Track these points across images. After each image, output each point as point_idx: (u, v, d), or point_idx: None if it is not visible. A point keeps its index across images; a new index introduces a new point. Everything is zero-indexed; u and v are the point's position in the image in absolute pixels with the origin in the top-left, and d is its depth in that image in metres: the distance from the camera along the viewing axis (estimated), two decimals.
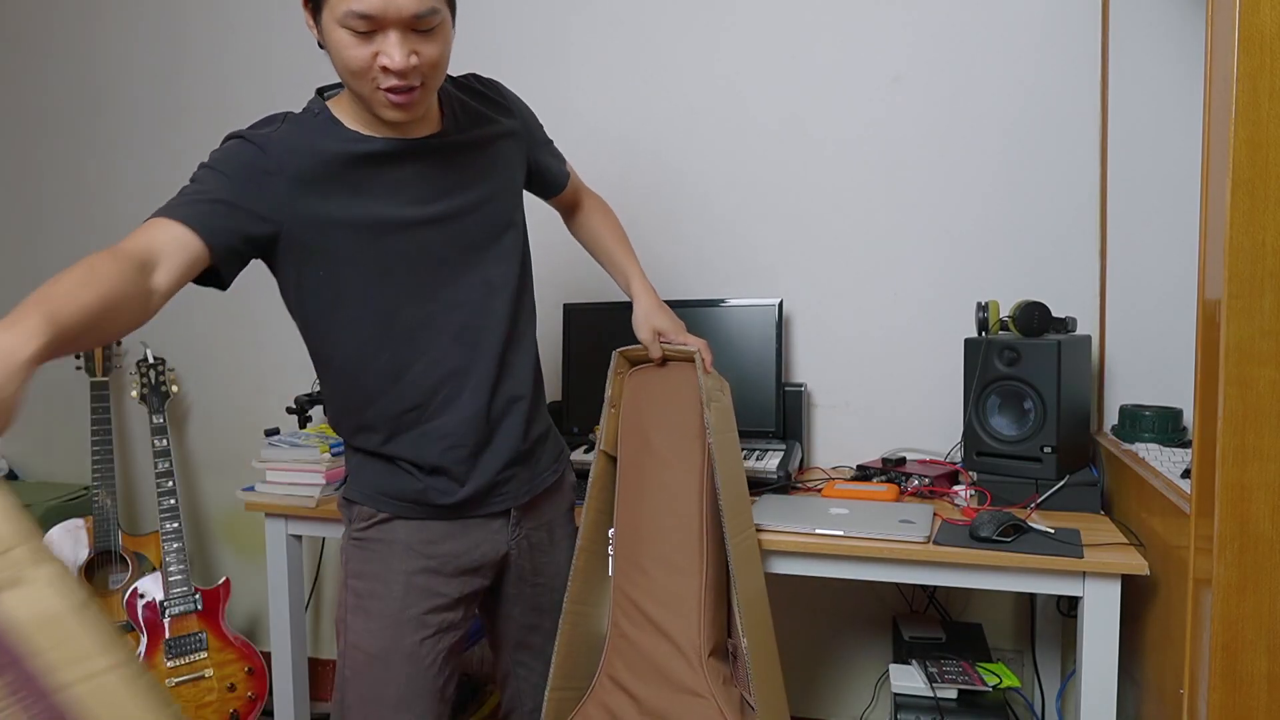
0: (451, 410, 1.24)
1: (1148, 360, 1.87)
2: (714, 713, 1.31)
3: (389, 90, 1.10)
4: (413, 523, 1.26)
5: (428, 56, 1.11)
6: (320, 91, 1.25)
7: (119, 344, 2.60)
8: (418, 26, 1.08)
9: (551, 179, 1.51)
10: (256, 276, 1.32)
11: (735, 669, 1.38)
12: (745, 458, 1.84)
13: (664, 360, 1.49)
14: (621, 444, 1.48)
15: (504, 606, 1.39)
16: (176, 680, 2.17)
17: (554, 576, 1.41)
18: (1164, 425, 1.70)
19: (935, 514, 1.60)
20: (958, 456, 1.93)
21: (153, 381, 2.37)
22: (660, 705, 1.33)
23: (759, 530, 1.52)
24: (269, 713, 2.16)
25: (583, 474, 1.84)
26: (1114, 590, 1.38)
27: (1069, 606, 1.86)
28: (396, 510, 1.25)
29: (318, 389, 1.62)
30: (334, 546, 2.43)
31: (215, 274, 1.15)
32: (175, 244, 1.13)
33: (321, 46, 1.13)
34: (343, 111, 1.20)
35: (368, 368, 1.21)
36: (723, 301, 1.97)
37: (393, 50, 1.07)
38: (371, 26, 1.06)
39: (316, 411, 2.17)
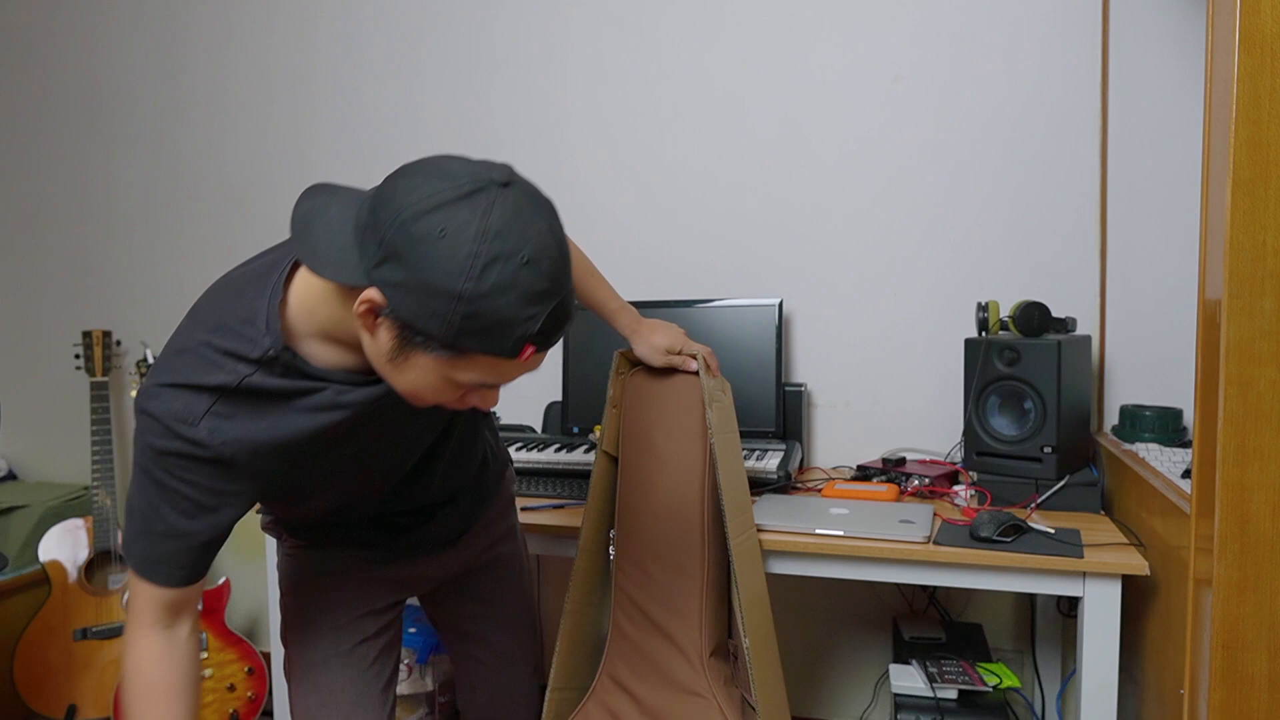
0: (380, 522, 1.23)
1: (1148, 360, 1.87)
2: (714, 713, 1.31)
3: (452, 413, 1.05)
4: (347, 551, 1.25)
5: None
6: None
7: (119, 343, 2.60)
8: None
9: None
10: None
11: (736, 669, 1.38)
12: (745, 458, 1.84)
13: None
14: (623, 444, 1.48)
15: (444, 601, 1.39)
16: None
17: (491, 564, 1.39)
18: (1164, 425, 1.69)
19: (935, 514, 1.60)
20: (958, 456, 1.93)
21: None
22: (661, 705, 1.34)
23: (759, 530, 1.52)
24: (269, 713, 2.16)
25: (581, 474, 1.85)
26: (1114, 590, 1.38)
27: (1069, 606, 1.87)
28: (336, 545, 1.24)
29: None
30: None
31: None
32: (184, 600, 1.01)
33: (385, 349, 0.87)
34: (308, 336, 0.94)
35: (295, 510, 1.18)
36: (723, 301, 1.97)
37: (492, 395, 0.93)
38: (487, 388, 0.90)
39: None
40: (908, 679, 1.65)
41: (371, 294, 0.82)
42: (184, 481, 0.94)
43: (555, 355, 2.26)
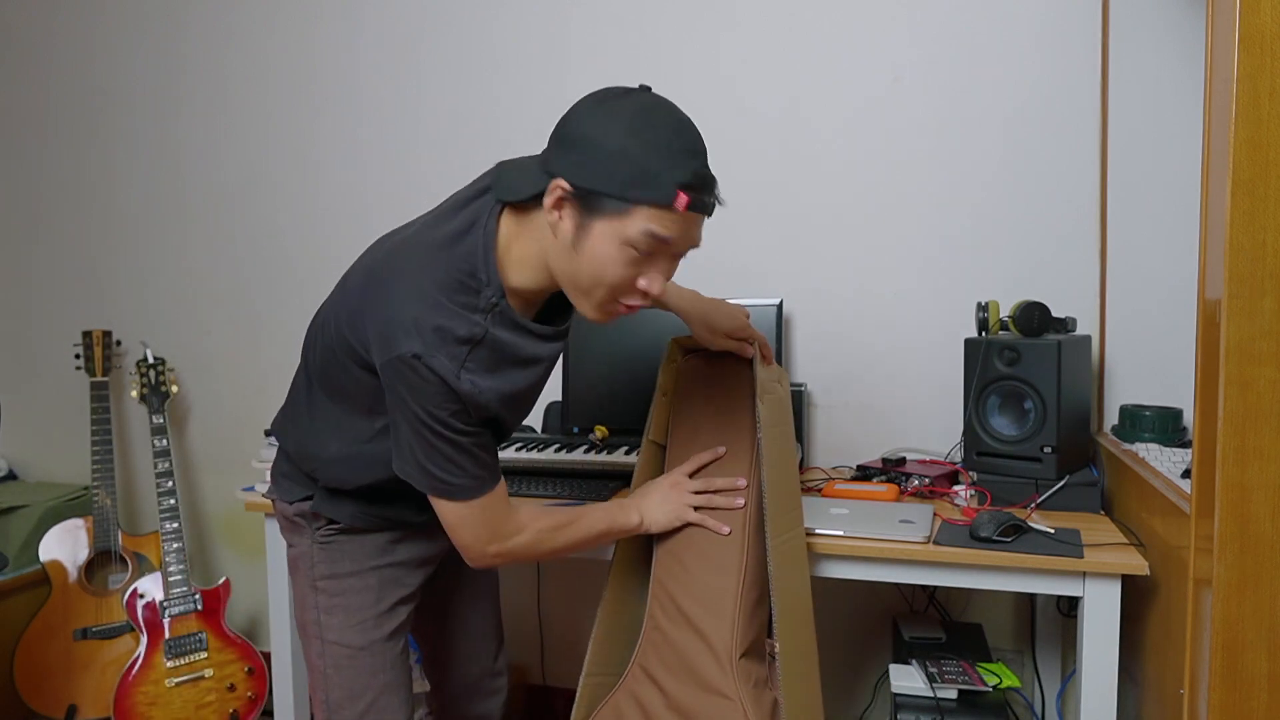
0: None
1: (1148, 360, 1.87)
2: (739, 716, 1.29)
3: (627, 305, 1.10)
4: (380, 533, 1.30)
5: (670, 276, 1.11)
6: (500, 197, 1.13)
7: (119, 343, 2.60)
8: (680, 254, 1.09)
9: None
10: (257, 276, 1.33)
11: (773, 672, 1.36)
12: None
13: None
14: (671, 433, 1.46)
15: (433, 580, 1.43)
16: (176, 680, 2.17)
17: None
18: (1164, 425, 1.69)
19: (935, 514, 1.60)
20: (958, 456, 1.93)
21: (153, 381, 2.37)
22: (687, 702, 1.32)
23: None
24: (269, 713, 2.16)
25: (582, 474, 1.85)
26: (1114, 590, 1.38)
27: (1069, 606, 1.87)
28: (371, 526, 1.29)
29: None
30: None
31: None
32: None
33: (568, 239, 1.05)
34: (514, 285, 1.12)
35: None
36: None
37: (659, 276, 1.07)
38: (654, 250, 1.04)
39: None
40: (908, 679, 1.65)
41: (557, 181, 1.02)
42: (466, 419, 1.10)
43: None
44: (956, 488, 1.74)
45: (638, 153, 1.00)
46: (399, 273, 1.09)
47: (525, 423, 2.25)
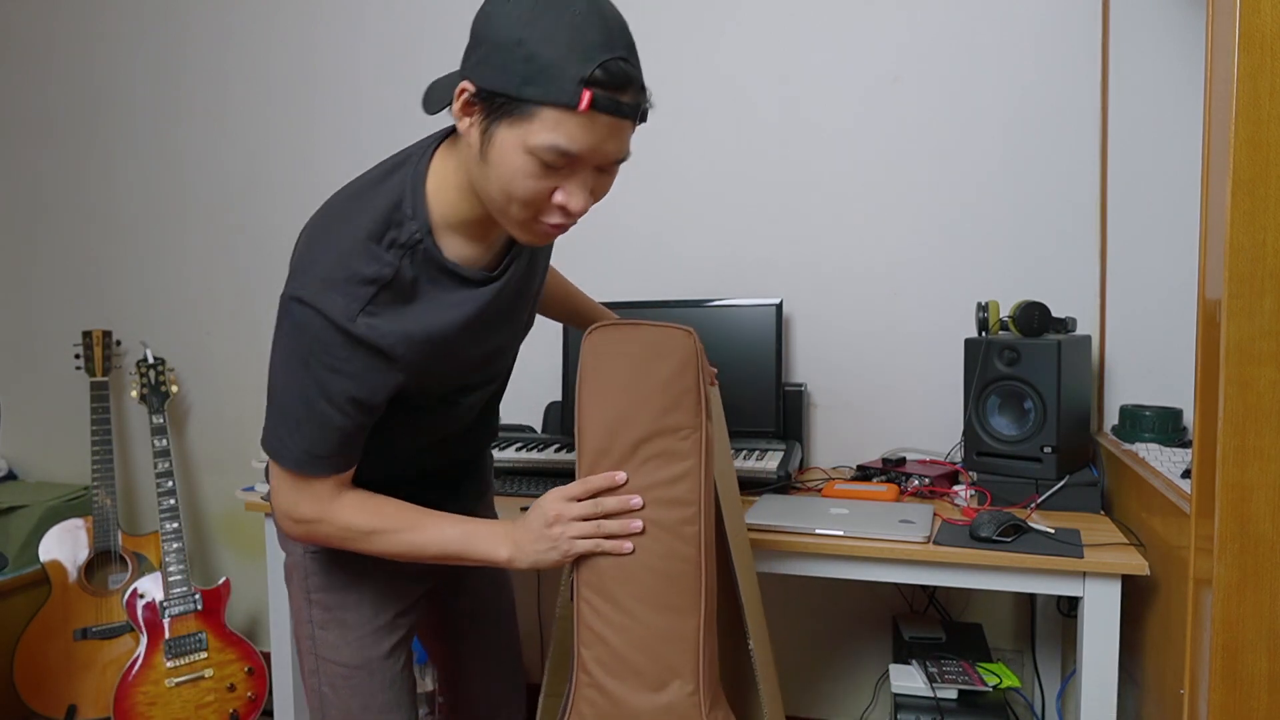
0: (421, 470, 1.23)
1: (1148, 360, 1.87)
2: None
3: (552, 225, 0.97)
4: None
5: (600, 193, 0.98)
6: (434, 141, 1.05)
7: (119, 343, 2.60)
8: (607, 167, 0.95)
9: None
10: (257, 276, 1.33)
11: (749, 668, 1.28)
12: (745, 458, 1.84)
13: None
14: (580, 427, 1.13)
15: (442, 599, 1.37)
16: (176, 680, 2.17)
17: (492, 571, 1.40)
18: (1164, 425, 1.69)
19: (935, 514, 1.60)
20: (958, 456, 1.93)
21: (153, 381, 2.37)
22: None
23: (760, 530, 1.52)
24: (269, 713, 2.16)
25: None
26: (1114, 590, 1.38)
27: (1069, 606, 1.87)
28: None
29: None
30: None
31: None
32: (345, 479, 1.09)
33: (475, 148, 0.94)
34: (443, 221, 1.02)
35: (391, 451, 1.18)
36: (723, 301, 1.97)
37: (579, 192, 0.94)
38: (566, 162, 0.91)
39: None
40: (908, 679, 1.65)
41: (463, 83, 0.91)
42: (341, 374, 0.98)
43: (555, 355, 2.26)
44: (956, 488, 1.74)
45: (538, 44, 0.86)
46: (319, 224, 1.02)
47: (525, 422, 2.25)
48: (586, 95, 0.86)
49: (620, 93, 0.89)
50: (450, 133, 1.04)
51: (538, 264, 1.18)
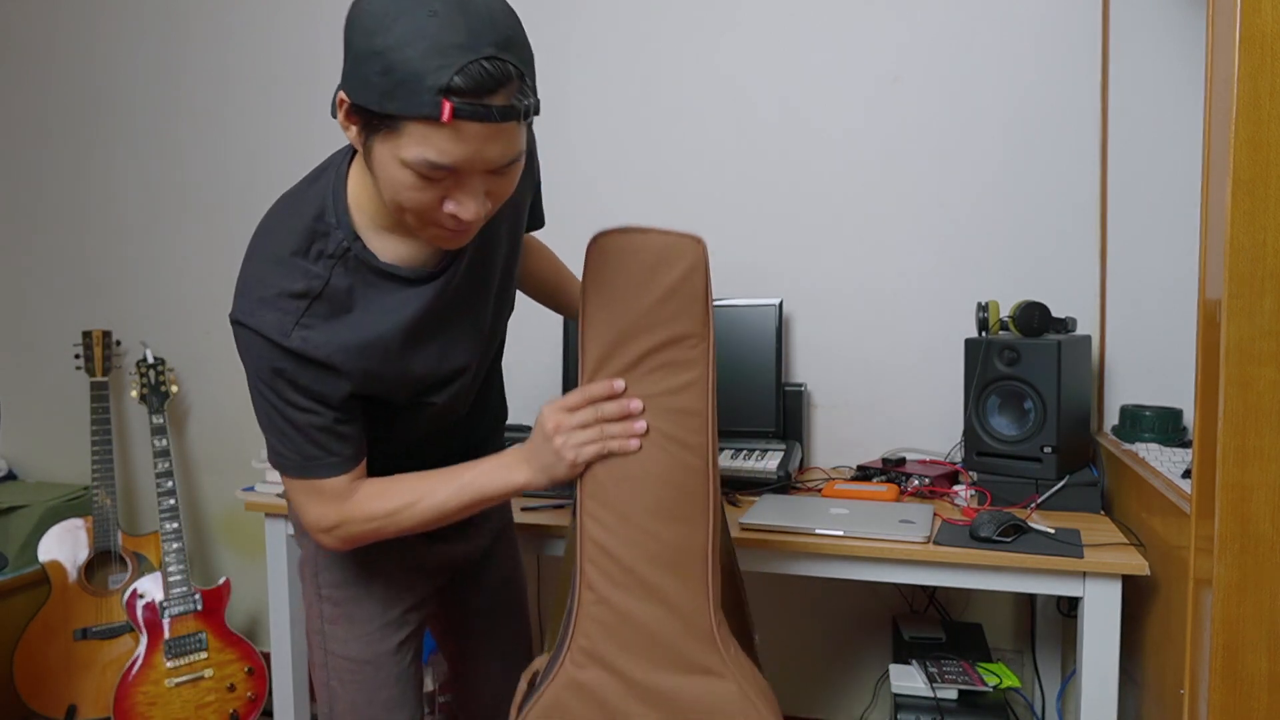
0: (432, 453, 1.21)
1: (1148, 360, 1.87)
2: (734, 694, 1.06)
3: (451, 231, 0.94)
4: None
5: (499, 195, 0.94)
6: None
7: (119, 343, 2.60)
8: (498, 170, 0.90)
9: (531, 223, 1.32)
10: None
11: (743, 635, 1.22)
12: (745, 458, 1.84)
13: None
14: (583, 333, 1.11)
15: (455, 596, 1.37)
16: (176, 680, 2.17)
17: (499, 552, 1.39)
18: (1164, 425, 1.70)
19: (935, 514, 1.60)
20: (958, 456, 1.93)
21: (153, 381, 2.37)
22: (660, 685, 1.07)
23: (760, 530, 1.52)
24: (269, 713, 2.16)
25: None
26: (1114, 590, 1.38)
27: (1069, 606, 1.87)
28: None
29: None
30: None
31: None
32: (356, 476, 1.09)
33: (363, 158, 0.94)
34: (368, 225, 1.01)
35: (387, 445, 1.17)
36: (723, 301, 1.97)
37: (468, 201, 0.90)
38: (444, 175, 0.87)
39: None
40: (908, 679, 1.65)
41: (339, 94, 0.89)
42: (294, 385, 0.99)
43: (555, 355, 2.26)
44: (956, 488, 1.74)
45: (394, 53, 0.80)
46: (253, 243, 1.02)
47: (525, 422, 2.25)
48: (447, 106, 0.81)
49: (487, 96, 0.82)
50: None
51: (495, 252, 1.13)
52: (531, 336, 2.26)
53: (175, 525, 2.26)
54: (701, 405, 1.07)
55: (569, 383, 2.07)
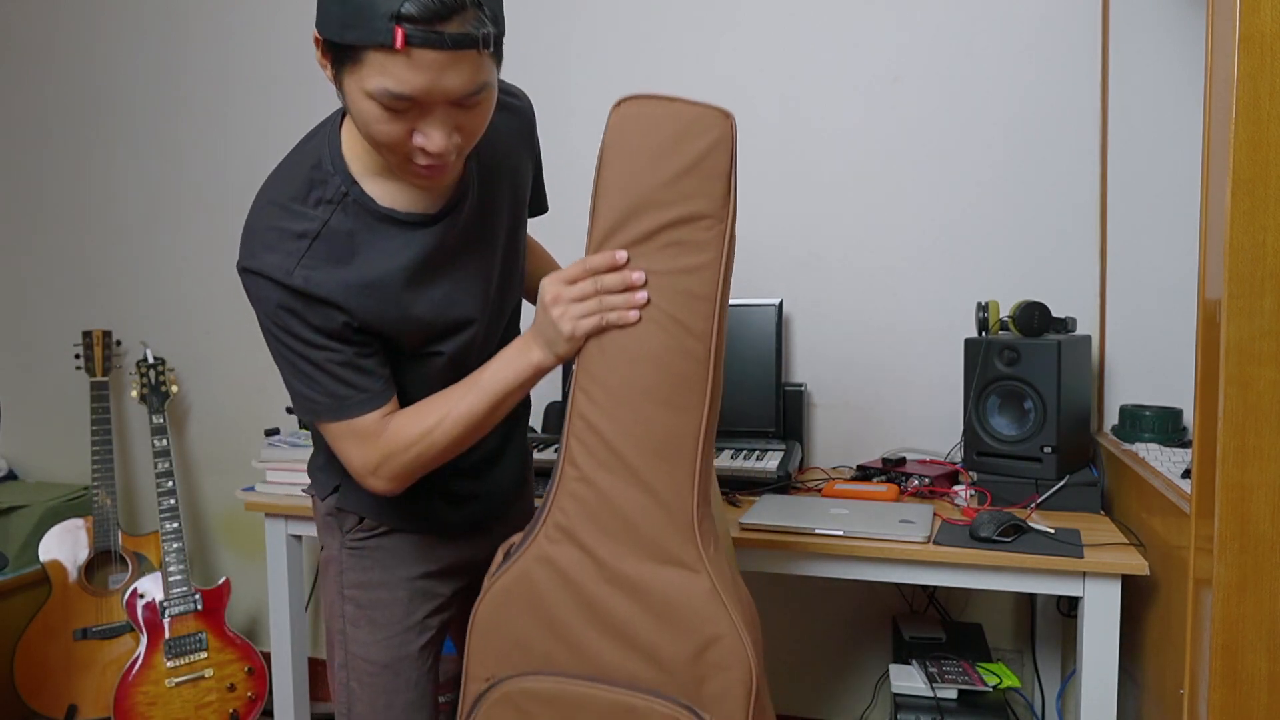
0: None
1: (1148, 360, 1.87)
2: (706, 593, 1.02)
3: (424, 167, 0.96)
4: (411, 535, 1.23)
5: (470, 130, 0.96)
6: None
7: (119, 343, 2.60)
8: (463, 103, 0.92)
9: (535, 207, 1.33)
10: None
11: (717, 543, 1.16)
12: (745, 458, 1.84)
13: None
14: (595, 204, 1.05)
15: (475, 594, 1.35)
16: (176, 680, 2.17)
17: None
18: (1164, 425, 1.70)
19: (935, 514, 1.60)
20: (958, 456, 1.93)
21: (153, 381, 2.37)
22: (631, 572, 1.02)
23: (760, 530, 1.52)
24: (269, 713, 2.16)
25: None
26: (1114, 590, 1.38)
27: (1069, 606, 1.87)
28: (398, 524, 1.22)
29: None
30: None
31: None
32: (389, 412, 1.09)
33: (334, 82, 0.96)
34: (365, 170, 1.04)
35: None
36: None
37: (433, 132, 0.92)
38: (407, 106, 0.89)
39: None
40: (908, 679, 1.65)
41: (315, 32, 0.91)
42: (309, 326, 1.01)
43: None
44: (956, 488, 1.74)
45: None
46: (254, 203, 1.05)
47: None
48: (399, 32, 0.82)
49: (440, 23, 0.83)
50: None
51: (498, 208, 1.14)
52: None
53: (175, 525, 2.26)
54: (711, 291, 1.02)
55: (569, 379, 2.07)
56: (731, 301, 1.96)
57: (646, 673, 1.03)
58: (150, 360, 2.39)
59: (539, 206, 1.32)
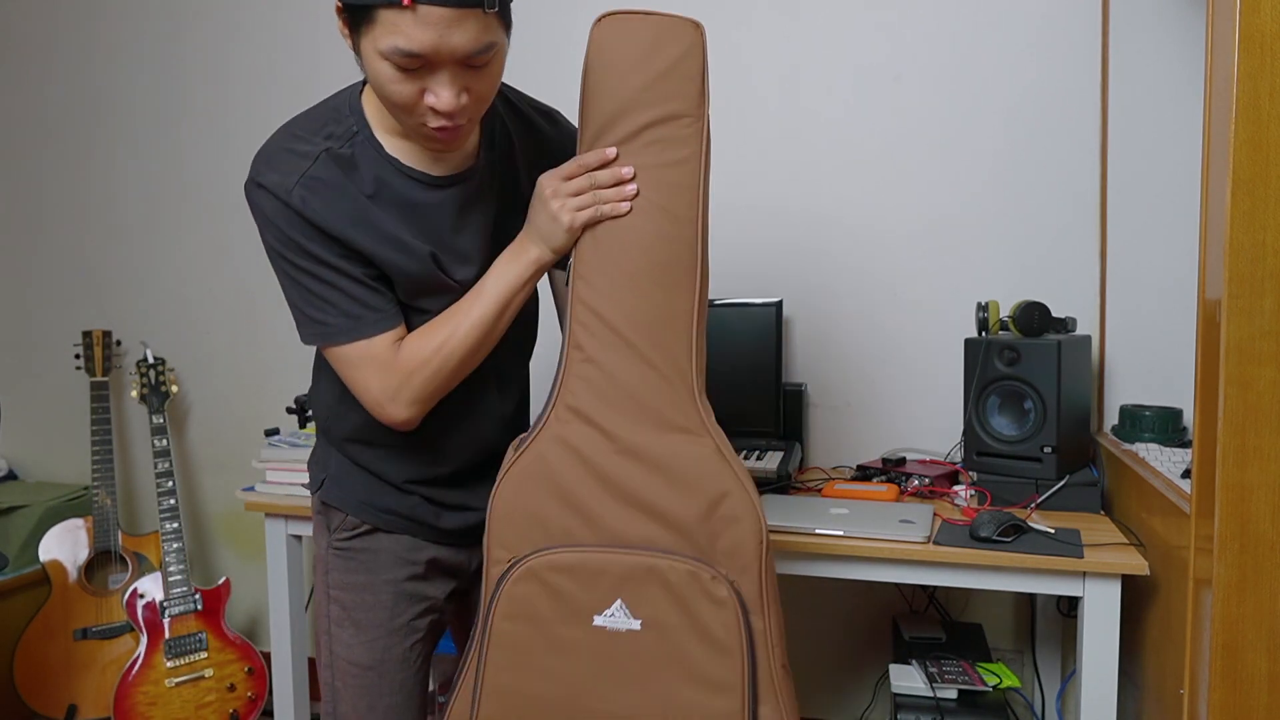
0: (456, 434, 1.21)
1: (1148, 360, 1.87)
2: (712, 454, 1.08)
3: (436, 129, 1.00)
4: (397, 535, 1.22)
5: (479, 92, 1.00)
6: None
7: (119, 343, 2.60)
8: (472, 63, 0.96)
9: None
10: (256, 276, 1.32)
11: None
12: (745, 458, 1.84)
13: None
14: (584, 108, 1.13)
15: (470, 596, 1.34)
16: (176, 680, 2.17)
17: None
18: (1164, 425, 1.70)
19: (935, 514, 1.60)
20: (958, 456, 1.93)
21: (153, 381, 2.37)
22: (643, 443, 1.09)
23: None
24: (269, 713, 2.16)
25: None
26: (1114, 590, 1.38)
27: (1069, 606, 1.87)
28: (381, 524, 1.21)
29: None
30: None
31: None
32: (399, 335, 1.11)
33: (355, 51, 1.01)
34: (380, 125, 1.09)
35: None
36: (723, 301, 1.97)
37: (442, 91, 0.96)
38: (418, 64, 0.94)
39: None
40: (907, 679, 1.65)
41: (336, 2, 0.97)
42: (317, 243, 1.03)
43: (555, 355, 2.25)
44: (956, 488, 1.74)
45: None
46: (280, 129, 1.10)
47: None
48: None
49: None
50: None
51: (513, 184, 1.18)
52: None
53: (175, 525, 2.26)
54: (694, 180, 1.11)
55: None
56: (731, 301, 1.96)
57: (662, 535, 1.08)
58: (150, 360, 2.39)
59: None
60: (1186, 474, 1.41)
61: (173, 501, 2.28)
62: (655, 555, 1.07)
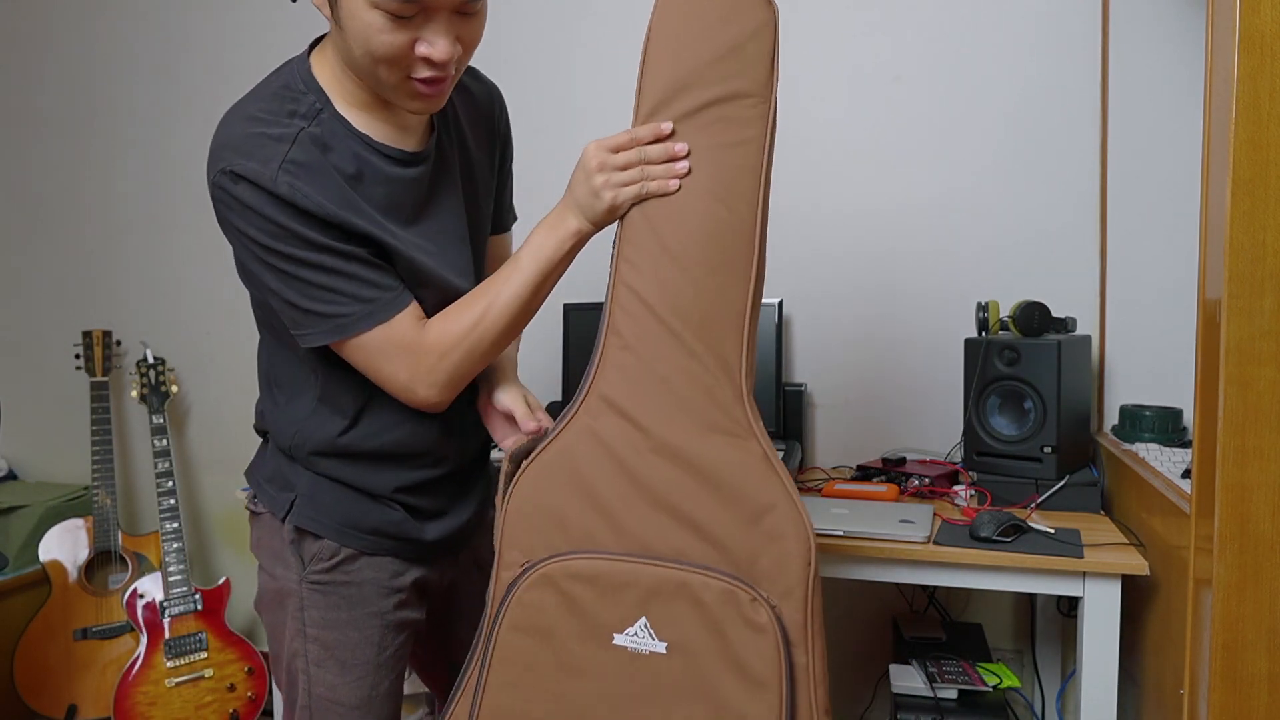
0: (456, 433, 1.16)
1: (1148, 360, 1.87)
2: (759, 460, 0.98)
3: (423, 81, 0.95)
4: (380, 559, 1.12)
5: (469, 40, 0.97)
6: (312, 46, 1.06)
7: (119, 343, 2.60)
8: (464, 9, 0.94)
9: (499, 218, 1.29)
10: None
11: None
12: None
13: None
14: (642, 81, 1.04)
15: (439, 628, 1.27)
16: (176, 680, 2.17)
17: (482, 577, 1.28)
18: (1164, 425, 1.70)
19: (935, 514, 1.60)
20: (958, 456, 1.92)
21: (153, 381, 2.37)
22: (679, 443, 0.99)
23: None
24: (269, 713, 2.16)
25: None
26: (1114, 590, 1.38)
27: (1069, 606, 1.87)
28: (365, 547, 1.11)
29: None
30: None
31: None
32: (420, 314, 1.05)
33: (330, 18, 0.96)
34: (342, 99, 1.02)
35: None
36: None
37: (438, 39, 0.93)
38: (414, 11, 0.90)
39: None
40: (908, 679, 1.65)
41: None
42: (312, 227, 0.96)
43: (555, 355, 2.25)
44: (956, 488, 1.74)
45: None
46: (228, 113, 1.02)
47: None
48: None
49: None
50: (318, 41, 1.05)
51: (472, 167, 1.15)
52: (529, 337, 2.26)
53: (175, 525, 2.26)
54: (756, 163, 1.02)
55: (569, 385, 2.07)
56: None
57: (696, 547, 0.98)
58: (150, 360, 2.39)
59: (503, 219, 1.31)
60: (1186, 474, 1.41)
61: (173, 501, 2.28)
62: (687, 569, 0.96)
